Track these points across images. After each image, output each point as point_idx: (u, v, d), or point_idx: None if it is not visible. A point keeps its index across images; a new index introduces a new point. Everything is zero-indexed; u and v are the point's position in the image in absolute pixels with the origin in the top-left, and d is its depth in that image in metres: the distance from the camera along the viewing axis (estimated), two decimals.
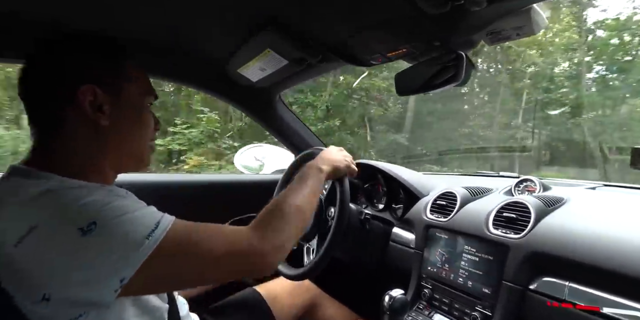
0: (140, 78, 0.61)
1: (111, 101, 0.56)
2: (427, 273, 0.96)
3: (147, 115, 0.62)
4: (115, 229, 0.44)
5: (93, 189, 0.50)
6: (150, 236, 0.45)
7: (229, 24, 0.82)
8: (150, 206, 0.52)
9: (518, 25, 0.62)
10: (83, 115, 0.54)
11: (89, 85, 0.53)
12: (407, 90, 0.87)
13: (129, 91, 0.59)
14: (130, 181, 1.22)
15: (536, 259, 0.74)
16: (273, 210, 0.62)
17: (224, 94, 1.26)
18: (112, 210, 0.46)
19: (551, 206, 0.84)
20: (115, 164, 0.60)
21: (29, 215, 0.44)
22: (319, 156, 0.85)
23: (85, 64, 0.55)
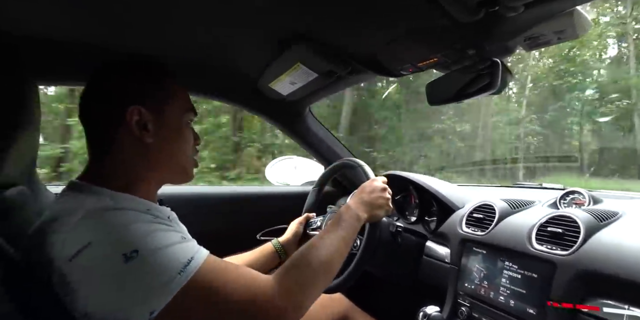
0: (180, 96, 0.65)
1: (154, 119, 0.60)
2: (464, 290, 0.91)
3: (187, 132, 0.65)
4: (153, 260, 0.47)
5: (140, 212, 0.53)
6: (182, 271, 0.47)
7: (260, 41, 0.85)
8: (188, 239, 0.54)
9: (559, 29, 0.59)
10: (131, 134, 0.58)
11: (135, 106, 0.58)
12: (439, 100, 0.86)
13: (171, 109, 0.62)
14: (169, 193, 1.28)
15: (587, 279, 0.68)
16: (300, 264, 0.60)
17: (256, 108, 1.30)
18: (153, 240, 0.48)
19: (604, 221, 0.78)
20: (160, 178, 0.64)
21: (84, 233, 0.47)
22: (358, 197, 0.80)
23: (132, 86, 0.60)
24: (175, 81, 0.65)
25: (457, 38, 0.66)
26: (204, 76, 1.09)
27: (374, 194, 0.80)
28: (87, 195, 0.54)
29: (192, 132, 0.68)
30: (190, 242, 0.53)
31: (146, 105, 0.59)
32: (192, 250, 0.51)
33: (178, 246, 0.50)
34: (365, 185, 0.83)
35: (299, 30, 0.78)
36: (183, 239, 0.52)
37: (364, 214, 0.76)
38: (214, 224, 0.99)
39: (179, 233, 0.53)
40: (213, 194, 1.42)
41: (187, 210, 0.75)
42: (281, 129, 1.40)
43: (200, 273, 0.49)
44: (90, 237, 0.47)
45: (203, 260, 0.50)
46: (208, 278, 0.49)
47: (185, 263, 0.48)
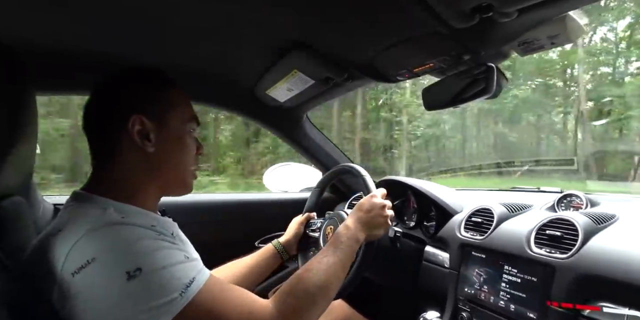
0: (183, 106, 0.65)
1: (156, 129, 0.60)
2: (465, 295, 0.90)
3: (189, 141, 0.65)
4: (156, 280, 0.46)
5: (145, 228, 0.52)
6: (184, 292, 0.47)
7: (258, 48, 0.86)
8: (191, 259, 0.53)
9: (552, 34, 0.60)
10: (133, 143, 0.58)
11: (137, 115, 0.57)
12: (435, 105, 0.86)
13: (173, 119, 0.62)
14: (169, 202, 1.27)
15: (586, 282, 0.68)
16: (298, 289, 0.60)
17: (253, 115, 1.30)
18: (157, 258, 0.48)
19: (601, 223, 0.78)
20: (160, 188, 0.64)
21: (88, 248, 0.47)
22: (356, 216, 0.77)
23: (134, 95, 0.60)
24: (178, 90, 0.65)
25: (452, 44, 0.67)
26: (201, 84, 1.09)
27: (372, 212, 0.78)
28: (92, 206, 0.54)
29: (194, 142, 0.67)
30: (193, 262, 0.52)
31: (148, 114, 0.59)
32: (194, 270, 0.51)
33: (181, 266, 0.49)
34: (363, 203, 0.80)
35: (296, 37, 0.79)
36: (186, 258, 0.51)
37: (362, 235, 0.75)
38: (213, 231, 0.99)
39: (182, 251, 0.52)
40: (212, 202, 1.41)
41: (187, 218, 0.74)
42: (279, 135, 1.40)
43: (201, 295, 0.48)
44: (94, 253, 0.46)
45: (204, 282, 0.50)
46: (208, 300, 0.49)
47: (187, 284, 0.48)
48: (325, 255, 0.67)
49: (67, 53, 0.80)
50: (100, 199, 0.55)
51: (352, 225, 0.75)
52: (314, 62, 0.86)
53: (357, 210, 0.79)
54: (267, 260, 0.96)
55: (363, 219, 0.76)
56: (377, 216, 0.78)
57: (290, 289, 0.59)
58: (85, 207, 0.54)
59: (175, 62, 0.92)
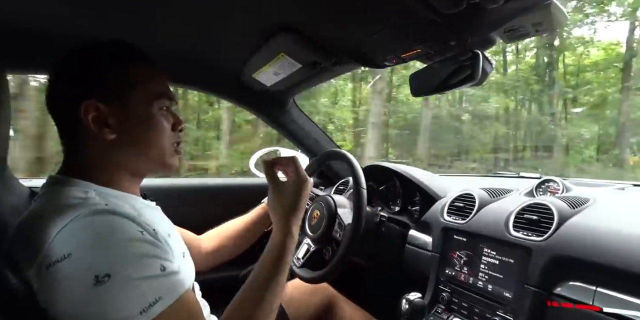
0: (146, 83, 0.58)
1: (117, 113, 0.55)
2: (446, 276, 0.94)
3: (160, 120, 0.59)
4: (121, 291, 0.44)
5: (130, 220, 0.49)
6: (144, 312, 0.44)
7: (243, 31, 0.83)
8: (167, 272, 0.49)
9: (537, 22, 0.60)
10: (91, 130, 0.54)
11: (89, 101, 0.53)
12: (422, 91, 0.86)
13: (136, 99, 0.57)
14: (152, 186, 1.26)
15: (561, 263, 0.71)
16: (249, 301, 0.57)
17: (239, 99, 1.28)
18: (130, 267, 0.45)
19: (576, 207, 0.81)
20: (137, 172, 0.61)
21: (71, 239, 0.45)
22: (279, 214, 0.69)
23: (85, 79, 0.55)
24: (138, 65, 0.58)
25: (440, 29, 0.67)
26: (185, 67, 1.06)
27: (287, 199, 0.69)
28: (73, 190, 0.51)
29: (169, 118, 0.61)
30: (166, 278, 0.48)
31: (104, 97, 0.54)
32: (164, 288, 0.47)
33: (152, 281, 0.46)
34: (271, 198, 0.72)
35: (283, 20, 0.77)
36: (162, 271, 0.48)
37: (296, 228, 0.68)
38: (197, 216, 0.99)
39: (160, 260, 0.49)
40: (195, 186, 1.40)
41: (171, 202, 0.74)
42: (265, 120, 1.39)
43: (162, 317, 0.45)
44: (72, 248, 0.44)
45: (170, 303, 0.47)
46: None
47: (152, 302, 0.45)
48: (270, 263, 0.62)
49: (38, 31, 0.76)
50: (81, 182, 0.53)
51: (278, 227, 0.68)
52: (300, 46, 0.85)
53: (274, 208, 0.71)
54: (260, 217, 0.96)
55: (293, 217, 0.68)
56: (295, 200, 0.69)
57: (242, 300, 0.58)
58: (66, 191, 0.51)
59: (158, 44, 0.89)
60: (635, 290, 0.60)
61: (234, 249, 0.94)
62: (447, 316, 0.90)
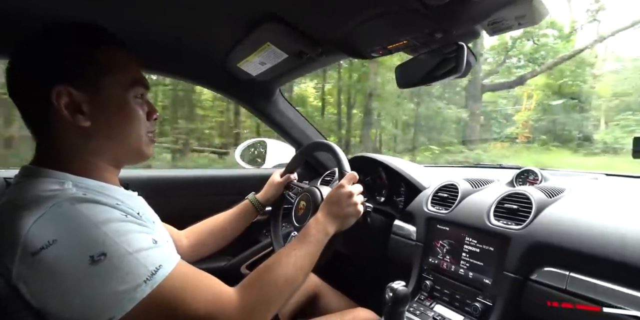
0: (121, 68, 0.57)
1: (90, 99, 0.53)
2: (429, 265, 0.96)
3: (135, 108, 0.58)
4: (121, 265, 0.44)
5: (111, 207, 0.49)
6: (149, 280, 0.45)
7: (228, 18, 0.81)
8: (159, 244, 0.50)
9: (520, 15, 0.61)
10: (65, 118, 0.52)
11: (61, 86, 0.51)
12: (408, 83, 0.87)
13: (110, 85, 0.55)
14: (135, 177, 1.23)
15: (537, 250, 0.74)
16: (265, 281, 0.58)
17: (224, 88, 1.26)
18: (123, 243, 0.45)
19: (553, 197, 0.85)
20: (113, 161, 0.59)
21: (50, 228, 0.44)
22: (326, 209, 0.74)
23: (56, 62, 0.52)
24: (113, 49, 0.56)
25: (425, 21, 0.67)
26: (168, 55, 1.03)
27: (341, 204, 0.75)
28: (48, 181, 0.50)
29: (144, 107, 0.60)
30: (161, 248, 0.50)
31: (76, 83, 0.51)
32: (162, 257, 0.48)
33: (148, 251, 0.47)
34: (331, 195, 0.77)
35: (269, 9, 0.75)
36: (154, 243, 0.49)
37: (332, 227, 0.73)
38: (182, 207, 0.98)
39: (150, 235, 0.50)
40: (182, 177, 1.38)
41: (155, 193, 0.73)
42: (251, 110, 1.37)
43: (166, 282, 0.47)
44: (56, 234, 0.43)
45: (171, 269, 0.48)
46: (174, 288, 0.47)
47: (153, 271, 0.46)
48: (294, 248, 0.65)
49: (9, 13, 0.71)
50: (56, 173, 0.52)
51: (322, 218, 0.73)
52: (287, 36, 0.83)
53: (327, 202, 0.76)
54: (243, 214, 0.97)
55: (333, 212, 0.74)
56: (347, 206, 0.75)
57: (257, 279, 0.58)
58: (41, 182, 0.50)
59: (138, 31, 0.86)
60: (605, 274, 0.64)
61: (216, 245, 0.94)
62: (430, 303, 0.93)
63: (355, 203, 0.76)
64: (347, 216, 0.75)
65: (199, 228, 0.93)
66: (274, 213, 1.08)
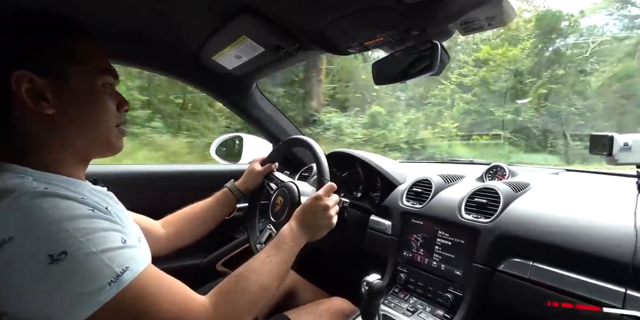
0: (89, 57, 0.55)
1: (54, 87, 0.51)
2: (403, 258, 0.99)
3: (103, 98, 0.56)
4: (82, 266, 0.42)
5: (75, 201, 0.46)
6: (114, 282, 0.43)
7: (203, 8, 0.79)
8: (128, 244, 0.48)
9: (490, 16, 0.63)
10: (26, 106, 0.49)
11: (21, 71, 0.48)
12: (384, 79, 0.88)
13: (75, 73, 0.53)
14: (105, 172, 1.18)
15: (504, 242, 0.78)
16: (238, 289, 0.57)
17: (198, 81, 1.22)
18: (87, 242, 0.43)
19: (518, 191, 0.89)
20: (80, 153, 0.56)
21: (6, 224, 0.42)
22: (301, 218, 0.74)
23: (17, 47, 0.50)
24: (81, 39, 0.55)
25: (401, 19, 0.68)
26: (139, 45, 0.99)
27: (316, 216, 0.75)
28: (6, 176, 0.47)
29: (114, 98, 0.58)
30: (130, 249, 0.47)
31: (38, 69, 0.49)
32: (130, 258, 0.46)
33: (115, 252, 0.45)
34: (308, 205, 0.76)
35: (245, 0, 0.74)
36: (123, 242, 0.47)
37: (305, 237, 0.73)
38: (155, 203, 0.95)
39: (120, 233, 0.48)
40: (155, 172, 1.34)
41: (126, 189, 0.70)
42: (227, 105, 1.34)
43: (133, 286, 0.44)
44: (12, 231, 0.41)
45: (139, 272, 0.46)
46: (141, 293, 0.45)
47: (119, 272, 0.44)
48: (268, 255, 0.65)
49: None
50: (16, 167, 0.49)
51: (295, 228, 0.72)
52: (263, 29, 0.82)
53: (303, 212, 0.75)
54: (222, 202, 0.95)
55: (307, 222, 0.74)
56: (321, 219, 0.75)
57: (230, 287, 0.57)
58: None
59: (107, 19, 0.81)
60: (566, 263, 0.68)
61: (194, 234, 0.92)
62: (404, 295, 0.96)
63: (330, 216, 0.76)
64: (320, 228, 0.76)
65: (177, 217, 0.91)
66: (252, 202, 1.07)
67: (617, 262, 0.62)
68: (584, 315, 0.64)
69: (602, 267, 0.63)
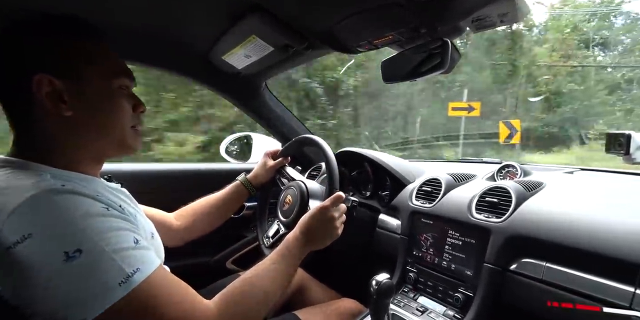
0: (105, 59, 0.56)
1: (71, 89, 0.52)
2: (413, 257, 0.98)
3: (119, 99, 0.57)
4: (95, 265, 0.43)
5: (91, 199, 0.47)
6: (124, 282, 0.44)
7: (213, 8, 0.80)
8: (140, 245, 0.49)
9: (503, 12, 0.62)
10: (46, 108, 0.51)
11: (42, 75, 0.50)
12: (393, 78, 0.87)
13: (92, 75, 0.54)
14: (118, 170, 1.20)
15: (516, 242, 0.77)
16: (244, 295, 0.58)
17: (208, 81, 1.23)
18: (101, 241, 0.44)
19: (531, 190, 0.87)
20: (97, 153, 0.58)
21: (27, 221, 0.43)
22: (308, 225, 0.74)
23: (37, 50, 0.51)
24: (96, 41, 0.56)
25: (411, 16, 0.67)
26: (150, 45, 1.00)
27: (322, 226, 0.74)
28: (25, 173, 0.48)
29: (130, 99, 0.60)
30: (141, 250, 0.48)
31: (57, 72, 0.51)
32: (141, 259, 0.47)
33: (127, 253, 0.46)
34: (314, 214, 0.75)
35: (254, 0, 0.74)
36: (135, 242, 0.48)
37: (309, 247, 0.73)
38: (167, 201, 0.96)
39: (133, 233, 0.49)
40: (166, 171, 1.36)
41: (139, 187, 0.71)
42: (236, 104, 1.35)
43: (142, 287, 0.45)
44: (31, 228, 0.42)
45: (149, 274, 0.47)
46: (149, 294, 0.46)
47: (129, 274, 0.44)
48: (274, 262, 0.66)
49: None
50: (35, 165, 0.50)
51: (301, 236, 0.72)
52: (272, 28, 0.82)
53: (308, 221, 0.75)
54: (234, 194, 0.97)
55: (312, 232, 0.73)
56: (326, 230, 0.75)
57: (235, 292, 0.58)
58: (17, 174, 0.48)
59: (117, 19, 0.83)
60: (579, 264, 0.66)
61: (207, 226, 0.94)
62: (414, 295, 0.96)
63: (335, 227, 0.76)
64: (325, 238, 0.76)
65: (190, 210, 0.93)
66: (263, 196, 1.08)
67: (630, 263, 0.60)
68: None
69: (615, 267, 0.62)
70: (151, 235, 0.61)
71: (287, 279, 0.66)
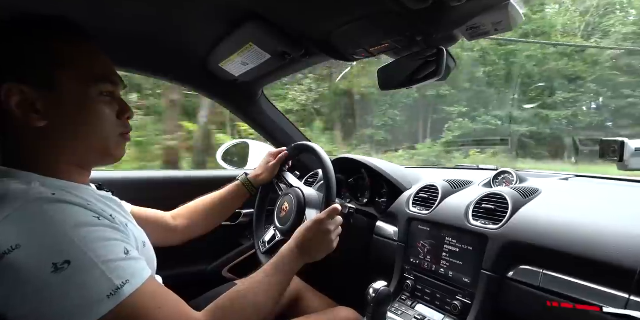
0: (82, 63, 0.52)
1: (45, 97, 0.49)
2: (410, 265, 0.98)
3: (99, 107, 0.54)
4: (84, 276, 0.42)
5: (82, 208, 0.47)
6: (112, 295, 0.43)
7: (210, 16, 0.80)
8: (130, 256, 0.48)
9: (496, 21, 0.63)
10: (17, 117, 0.48)
11: (11, 84, 0.47)
12: (390, 85, 0.88)
13: (67, 81, 0.50)
14: (117, 178, 1.20)
15: (513, 248, 0.77)
16: (236, 308, 0.57)
17: (205, 88, 1.24)
18: (90, 252, 0.43)
19: (527, 197, 0.88)
20: (79, 162, 0.56)
21: (15, 231, 0.42)
22: (303, 237, 0.73)
23: (5, 57, 0.49)
24: (74, 43, 0.52)
25: (407, 25, 0.68)
26: (146, 52, 1.01)
27: (317, 239, 0.74)
28: (13, 182, 0.47)
29: (113, 106, 0.56)
30: (130, 261, 0.47)
31: (29, 80, 0.48)
32: (130, 271, 0.46)
33: (116, 264, 0.45)
34: (310, 227, 0.75)
35: (252, 8, 0.75)
36: (125, 253, 0.47)
37: (304, 260, 0.72)
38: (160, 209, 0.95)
39: (124, 243, 0.48)
40: (161, 178, 1.35)
41: (131, 195, 0.71)
42: (233, 111, 1.35)
43: (130, 300, 0.44)
44: (19, 238, 0.41)
45: (138, 286, 0.46)
46: (138, 306, 0.45)
47: (118, 286, 0.43)
48: (267, 275, 0.65)
49: None
50: (24, 174, 0.49)
51: (296, 249, 0.72)
52: (270, 36, 0.83)
53: (304, 233, 0.74)
54: (234, 194, 0.97)
55: (306, 245, 0.73)
56: (321, 243, 0.75)
57: (226, 305, 0.57)
58: (4, 182, 0.47)
59: (114, 26, 0.83)
60: (575, 270, 0.66)
61: (206, 226, 0.93)
62: (412, 302, 0.95)
63: (330, 240, 0.76)
64: (320, 252, 0.75)
65: (189, 209, 0.92)
66: (262, 197, 1.07)
67: (626, 269, 0.60)
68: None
69: (610, 273, 0.62)
70: (143, 244, 0.60)
71: (280, 292, 0.65)
